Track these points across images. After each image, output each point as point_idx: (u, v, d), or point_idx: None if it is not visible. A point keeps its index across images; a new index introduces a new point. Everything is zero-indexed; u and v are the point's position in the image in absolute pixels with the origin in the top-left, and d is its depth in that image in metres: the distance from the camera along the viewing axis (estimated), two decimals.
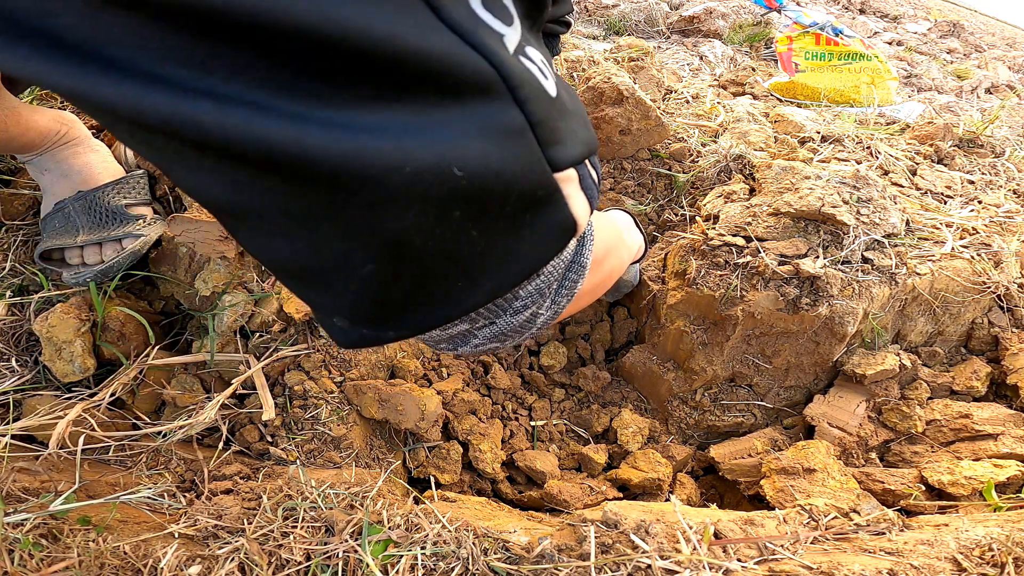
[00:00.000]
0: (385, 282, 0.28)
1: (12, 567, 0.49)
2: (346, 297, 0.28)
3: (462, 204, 0.26)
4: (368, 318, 0.30)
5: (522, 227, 0.29)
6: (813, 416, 0.82)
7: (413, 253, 0.27)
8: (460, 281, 0.29)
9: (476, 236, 0.28)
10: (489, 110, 0.25)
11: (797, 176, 0.91)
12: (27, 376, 0.73)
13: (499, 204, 0.27)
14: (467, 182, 0.25)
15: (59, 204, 0.82)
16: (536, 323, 0.37)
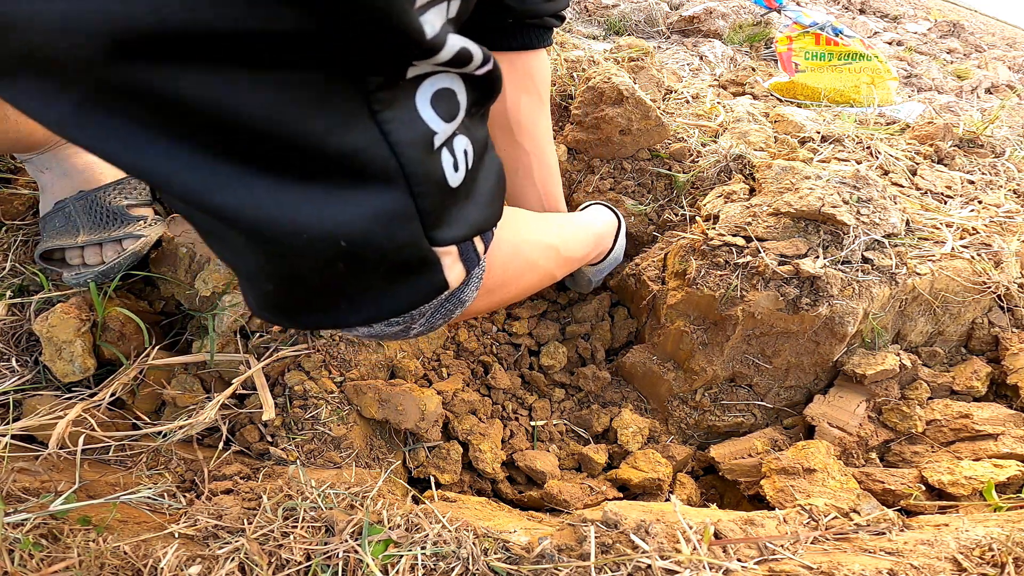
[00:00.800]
0: (281, 298, 0.37)
1: (12, 567, 0.49)
2: (257, 294, 0.38)
3: (345, 261, 0.33)
4: (268, 310, 0.39)
5: (396, 282, 0.37)
6: (813, 416, 0.82)
7: (305, 284, 0.36)
8: (343, 304, 0.38)
9: (355, 282, 0.36)
10: (385, 198, 0.32)
11: (797, 176, 0.91)
12: (27, 376, 0.73)
13: (375, 266, 0.35)
14: (349, 249, 0.32)
15: (60, 203, 0.82)
16: (410, 332, 0.44)
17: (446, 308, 0.44)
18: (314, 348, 0.78)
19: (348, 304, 0.38)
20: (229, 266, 0.39)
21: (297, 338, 0.79)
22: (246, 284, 0.38)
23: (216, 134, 0.27)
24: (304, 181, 0.30)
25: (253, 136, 0.27)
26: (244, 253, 0.34)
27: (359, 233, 0.32)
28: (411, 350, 0.87)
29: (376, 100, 0.30)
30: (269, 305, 0.38)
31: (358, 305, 0.38)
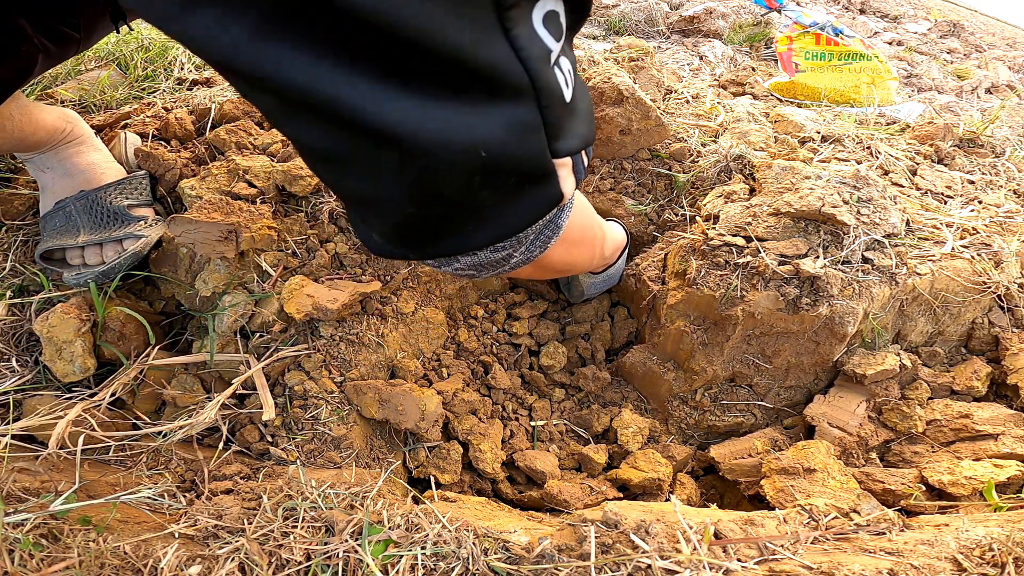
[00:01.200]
0: (417, 221, 0.40)
1: (12, 567, 0.49)
2: (387, 224, 0.41)
3: (482, 174, 0.36)
4: (397, 241, 0.42)
5: (522, 195, 0.41)
6: (813, 416, 0.82)
7: (442, 202, 0.38)
8: (470, 225, 0.41)
9: (487, 195, 0.38)
10: (517, 111, 0.36)
11: (797, 176, 0.91)
12: (27, 376, 0.73)
13: (506, 177, 0.38)
14: (488, 160, 0.35)
15: (60, 203, 0.82)
16: (509, 263, 0.48)
17: (545, 235, 0.48)
18: (314, 348, 0.78)
19: (474, 224, 0.41)
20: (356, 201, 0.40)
21: (297, 338, 0.79)
22: (375, 216, 0.40)
23: (381, 50, 0.29)
24: (451, 96, 0.33)
25: (414, 50, 0.30)
26: (387, 175, 0.35)
27: (497, 144, 0.35)
28: (411, 350, 0.87)
29: (507, 18, 0.33)
30: (395, 236, 0.41)
31: (484, 222, 0.41)
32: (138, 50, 1.17)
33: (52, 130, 0.79)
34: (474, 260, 0.46)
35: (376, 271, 0.86)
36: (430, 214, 0.39)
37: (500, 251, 0.46)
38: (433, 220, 0.40)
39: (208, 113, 0.98)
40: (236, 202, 0.81)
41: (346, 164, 0.36)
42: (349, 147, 0.34)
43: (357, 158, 0.35)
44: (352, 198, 0.41)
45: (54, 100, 1.02)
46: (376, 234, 0.42)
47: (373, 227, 0.42)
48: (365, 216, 0.42)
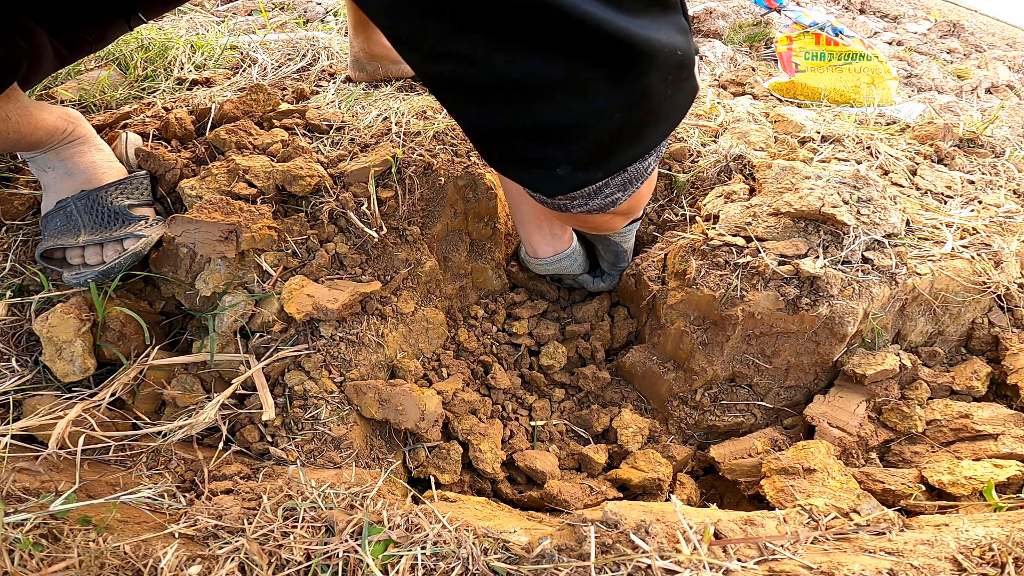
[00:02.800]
0: (619, 127, 0.44)
1: (12, 567, 0.49)
2: (584, 144, 0.45)
3: (673, 70, 0.44)
4: (589, 162, 0.47)
5: (682, 89, 0.47)
6: (813, 416, 0.82)
7: (648, 104, 0.44)
8: (650, 127, 0.47)
9: (671, 93, 0.46)
10: (679, 19, 0.44)
11: (797, 176, 0.91)
12: (27, 376, 0.73)
13: (683, 71, 0.45)
14: (681, 57, 0.43)
15: (61, 202, 0.82)
16: (648, 172, 0.53)
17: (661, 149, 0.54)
18: (314, 348, 0.78)
19: (653, 125, 0.47)
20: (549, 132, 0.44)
21: (297, 338, 0.79)
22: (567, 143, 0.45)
23: None
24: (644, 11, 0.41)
25: None
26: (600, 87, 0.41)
27: (682, 44, 0.43)
28: (411, 350, 0.87)
29: None
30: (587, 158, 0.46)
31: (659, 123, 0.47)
32: (138, 50, 1.17)
33: (53, 130, 0.79)
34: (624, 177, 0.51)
35: (376, 271, 0.86)
36: (632, 120, 0.44)
37: (646, 159, 0.51)
38: (631, 128, 0.45)
39: (208, 113, 0.98)
40: (236, 202, 0.81)
41: (552, 90, 0.40)
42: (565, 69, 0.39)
43: (571, 79, 0.40)
44: (544, 132, 0.44)
45: (54, 100, 1.02)
46: (563, 167, 0.46)
47: (560, 160, 0.46)
48: (552, 152, 0.45)
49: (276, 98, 1.02)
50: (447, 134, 0.97)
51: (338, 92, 1.12)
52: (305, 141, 0.93)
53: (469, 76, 0.40)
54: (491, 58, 0.38)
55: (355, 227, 0.85)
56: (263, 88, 1.01)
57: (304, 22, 1.65)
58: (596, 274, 1.03)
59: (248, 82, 1.16)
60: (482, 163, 0.95)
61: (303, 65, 1.28)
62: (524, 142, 0.46)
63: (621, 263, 0.99)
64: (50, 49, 0.63)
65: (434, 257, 0.92)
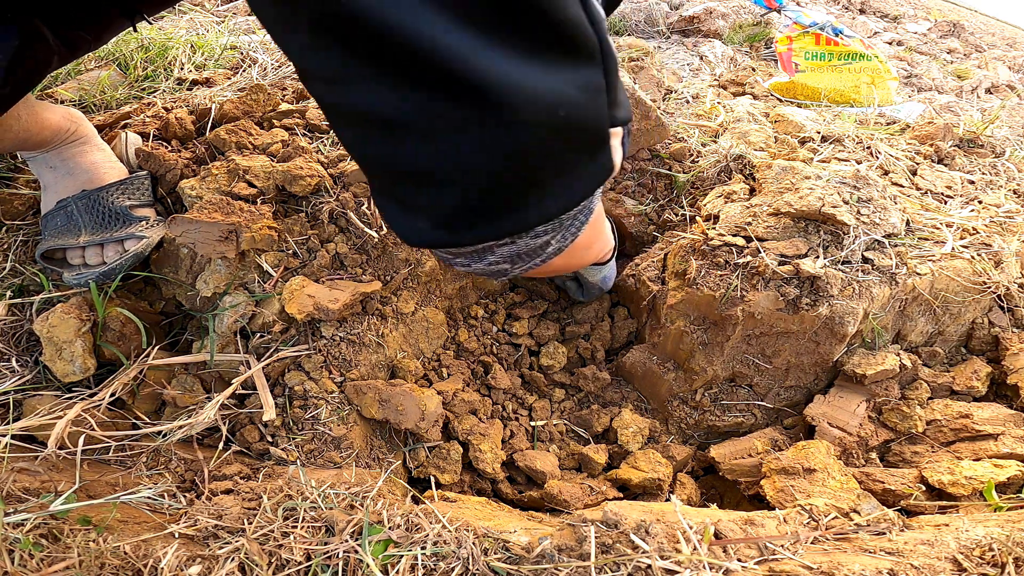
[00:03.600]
0: (488, 192, 0.37)
1: (12, 567, 0.49)
2: (449, 202, 0.38)
3: (556, 133, 0.35)
4: (453, 223, 0.39)
5: (586, 161, 0.40)
6: (813, 416, 0.82)
7: (518, 167, 0.36)
8: (536, 196, 0.39)
9: (555, 162, 0.37)
10: (589, 72, 0.36)
11: (797, 176, 0.91)
12: (27, 376, 0.73)
13: (577, 139, 0.38)
14: (565, 119, 0.35)
15: (62, 202, 0.82)
16: (545, 252, 0.46)
17: (579, 220, 0.47)
18: (314, 348, 0.78)
19: (536, 196, 0.39)
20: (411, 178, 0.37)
21: (298, 339, 0.79)
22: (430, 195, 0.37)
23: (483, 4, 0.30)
24: (536, 54, 0.33)
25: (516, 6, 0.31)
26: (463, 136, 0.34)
27: (574, 104, 0.35)
28: (411, 350, 0.87)
29: None
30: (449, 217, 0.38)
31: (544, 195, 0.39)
32: (138, 50, 1.17)
33: (56, 129, 0.80)
34: (512, 249, 0.44)
35: (376, 271, 0.86)
36: (503, 183, 0.37)
37: (540, 236, 0.44)
38: (503, 192, 0.38)
39: (208, 113, 0.98)
40: (236, 202, 0.81)
41: (414, 132, 0.34)
42: (425, 108, 0.33)
43: (431, 120, 0.33)
44: (407, 176, 0.37)
45: (54, 100, 1.02)
46: (424, 220, 0.39)
47: (423, 210, 0.39)
48: (414, 198, 0.38)
49: (276, 98, 1.02)
50: None
51: None
52: (305, 141, 0.93)
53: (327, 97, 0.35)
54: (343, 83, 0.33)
55: (355, 227, 0.85)
56: (263, 88, 1.01)
57: None
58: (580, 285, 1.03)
59: (248, 82, 1.16)
60: None
61: None
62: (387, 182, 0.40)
63: (590, 291, 0.99)
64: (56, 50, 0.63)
65: (434, 257, 0.92)
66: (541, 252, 0.46)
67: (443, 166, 0.35)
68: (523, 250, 0.45)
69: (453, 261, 0.47)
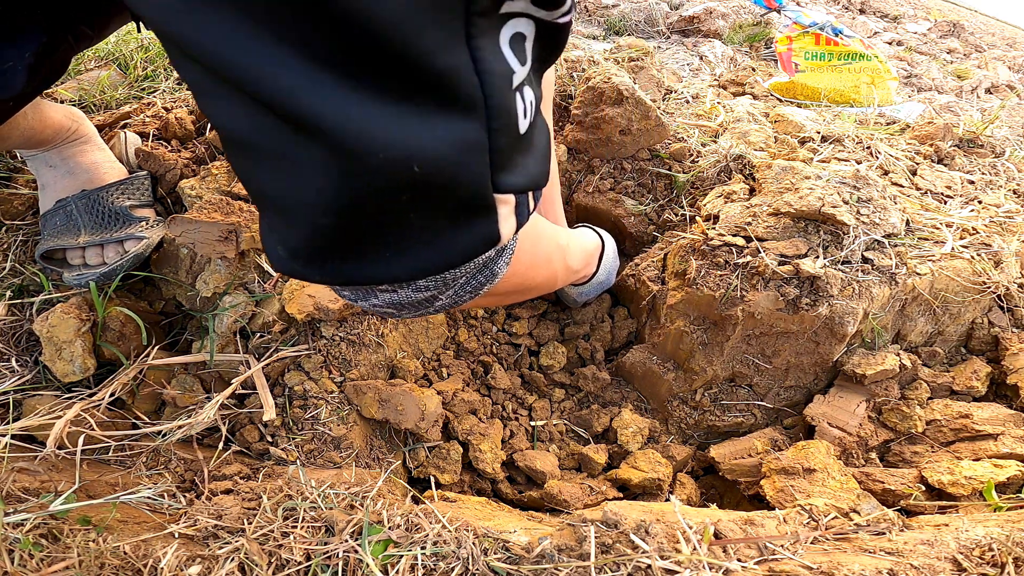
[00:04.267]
0: (331, 236, 0.34)
1: (12, 567, 0.49)
2: (297, 234, 0.35)
3: (411, 191, 0.32)
4: (304, 257, 0.36)
5: (454, 227, 0.36)
6: (813, 416, 0.82)
7: (362, 218, 0.33)
8: (389, 252, 0.36)
9: (414, 219, 0.34)
10: (464, 127, 0.32)
11: (797, 176, 0.91)
12: (27, 376, 0.73)
13: (440, 200, 0.34)
14: (421, 175, 0.31)
15: (61, 202, 0.82)
16: (434, 305, 0.43)
17: (478, 280, 0.43)
18: (314, 348, 0.78)
19: (394, 252, 0.36)
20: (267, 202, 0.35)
21: (298, 339, 0.79)
22: (284, 224, 0.35)
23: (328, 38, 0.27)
24: (395, 99, 0.29)
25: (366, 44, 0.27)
26: (308, 174, 0.31)
27: (433, 159, 0.31)
28: (411, 350, 0.87)
29: (473, 24, 0.30)
30: (303, 251, 0.36)
31: (406, 252, 0.36)
32: (138, 50, 1.17)
33: (59, 128, 0.80)
34: (393, 298, 0.41)
35: None
36: (347, 230, 0.34)
37: (423, 291, 0.41)
38: (349, 239, 0.35)
39: None
40: (236, 202, 0.81)
41: (265, 156, 0.32)
42: (271, 136, 0.30)
43: (278, 150, 0.31)
44: (263, 198, 0.35)
45: (55, 100, 1.02)
46: (281, 246, 0.36)
47: (280, 237, 0.36)
48: (274, 223, 0.36)
49: None
50: None
51: None
52: None
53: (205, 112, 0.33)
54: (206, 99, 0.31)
55: None
56: None
57: None
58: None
59: None
60: None
61: None
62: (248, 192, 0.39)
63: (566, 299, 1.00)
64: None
65: None
66: (429, 304, 0.43)
67: (293, 197, 0.33)
68: (406, 301, 0.42)
69: (340, 292, 0.44)
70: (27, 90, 0.57)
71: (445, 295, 0.42)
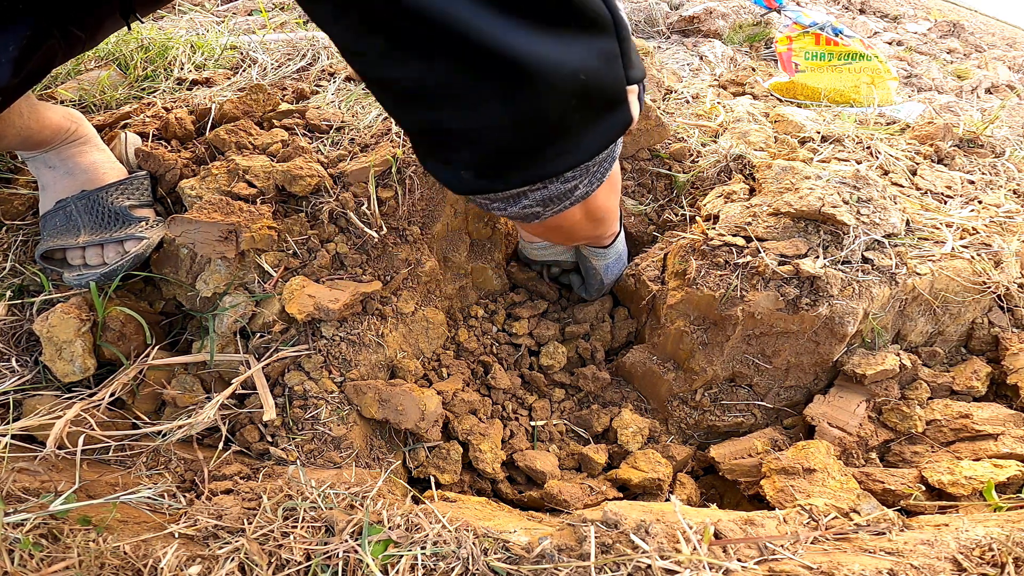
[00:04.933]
0: (511, 148, 0.44)
1: (12, 567, 0.49)
2: (479, 155, 0.45)
3: (578, 97, 0.42)
4: (486, 171, 0.47)
5: (601, 119, 0.46)
6: (813, 416, 0.82)
7: (541, 125, 0.43)
8: (558, 149, 0.46)
9: (576, 118, 0.44)
10: (603, 42, 0.43)
11: (797, 176, 0.91)
12: (27, 376, 0.73)
13: (595, 100, 0.44)
14: (585, 82, 0.42)
15: (61, 202, 0.82)
16: (572, 196, 0.53)
17: (603, 168, 0.53)
18: (314, 348, 0.78)
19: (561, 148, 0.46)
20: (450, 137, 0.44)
21: (298, 339, 0.79)
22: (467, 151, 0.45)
23: None
24: (554, 29, 0.39)
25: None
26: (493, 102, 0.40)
27: (592, 69, 0.42)
28: (411, 350, 0.87)
29: None
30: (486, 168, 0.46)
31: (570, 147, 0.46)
32: (138, 50, 1.17)
33: (57, 129, 0.80)
34: (543, 194, 0.51)
35: (376, 271, 0.86)
36: (526, 139, 0.44)
37: (569, 182, 0.51)
38: (528, 147, 0.44)
39: (208, 113, 0.98)
40: (236, 202, 0.81)
41: (450, 98, 0.40)
42: (458, 79, 0.39)
43: (463, 89, 0.40)
44: (448, 134, 0.44)
45: (54, 100, 1.02)
46: (465, 170, 0.46)
47: (462, 163, 0.46)
48: (454, 154, 0.46)
49: (276, 98, 1.02)
50: None
51: (338, 92, 1.12)
52: (305, 141, 0.93)
53: (378, 76, 0.42)
54: (390, 62, 0.39)
55: (355, 227, 0.85)
56: (263, 88, 1.01)
57: (304, 22, 1.65)
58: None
59: (248, 82, 1.16)
60: None
61: (303, 65, 1.28)
62: (430, 141, 0.47)
63: (591, 283, 1.00)
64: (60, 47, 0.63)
65: (434, 257, 0.92)
66: (570, 195, 0.52)
67: (478, 126, 0.42)
68: (554, 194, 0.51)
69: (491, 206, 0.53)
70: (12, 84, 0.57)
71: (583, 183, 0.52)
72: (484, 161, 0.45)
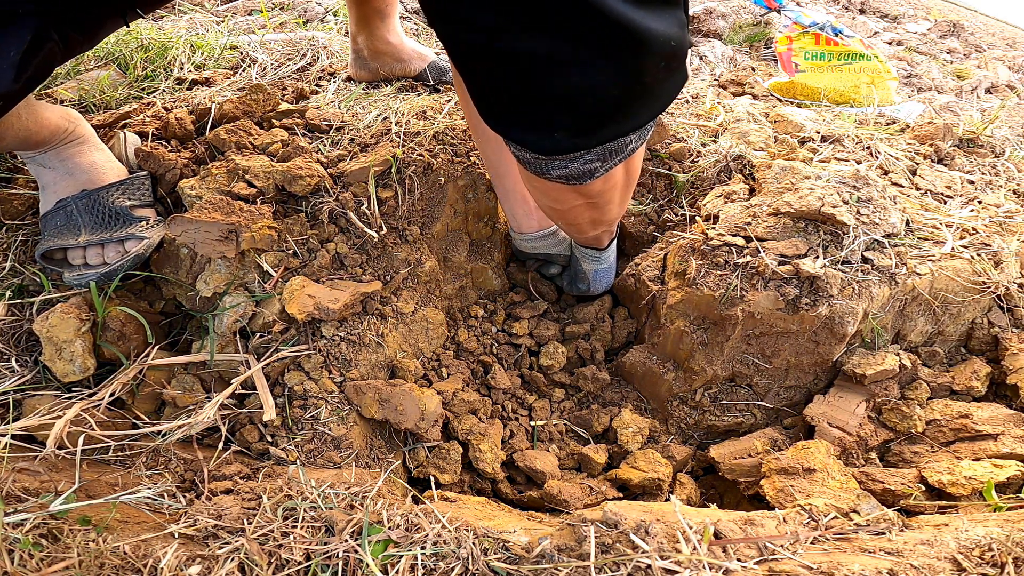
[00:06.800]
0: (616, 102, 0.50)
1: (12, 567, 0.49)
2: (583, 114, 0.50)
3: (667, 60, 0.49)
4: (584, 130, 0.52)
5: (673, 76, 0.53)
6: (813, 416, 0.82)
7: (641, 86, 0.50)
8: (644, 106, 0.53)
9: (661, 77, 0.51)
10: (679, 13, 0.49)
11: (797, 176, 0.91)
12: (27, 376, 0.73)
13: (676, 61, 0.50)
14: (674, 48, 0.49)
15: (61, 202, 0.82)
16: (626, 149, 0.58)
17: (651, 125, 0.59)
18: (314, 348, 0.78)
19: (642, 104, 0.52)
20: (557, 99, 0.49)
21: (298, 339, 0.79)
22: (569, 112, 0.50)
23: None
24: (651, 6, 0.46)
25: None
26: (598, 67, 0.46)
27: (677, 36, 0.48)
28: (411, 350, 0.87)
29: None
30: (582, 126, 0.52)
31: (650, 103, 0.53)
32: (138, 50, 1.17)
33: (55, 129, 0.80)
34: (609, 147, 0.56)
35: (376, 271, 0.86)
36: (624, 98, 0.50)
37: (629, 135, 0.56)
38: (622, 104, 0.51)
39: (208, 113, 0.98)
40: (236, 202, 0.81)
41: (562, 65, 0.46)
42: (574, 45, 0.45)
43: (576, 57, 0.45)
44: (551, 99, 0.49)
45: (54, 100, 1.02)
46: (560, 131, 0.52)
47: (560, 126, 0.51)
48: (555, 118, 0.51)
49: (276, 98, 1.02)
50: (447, 134, 0.97)
51: (338, 92, 1.12)
52: (305, 141, 0.93)
53: (493, 46, 0.46)
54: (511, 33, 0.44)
55: (355, 227, 0.85)
56: (263, 88, 1.01)
57: (304, 22, 1.65)
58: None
59: (248, 82, 1.16)
60: (481, 163, 0.95)
61: (303, 65, 1.28)
62: (530, 107, 0.51)
63: (578, 284, 1.01)
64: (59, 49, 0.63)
65: (434, 257, 0.92)
66: (624, 149, 0.58)
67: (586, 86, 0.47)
68: (614, 148, 0.57)
69: (551, 164, 0.57)
70: (15, 89, 0.57)
71: (634, 138, 0.57)
72: (580, 121, 0.51)
